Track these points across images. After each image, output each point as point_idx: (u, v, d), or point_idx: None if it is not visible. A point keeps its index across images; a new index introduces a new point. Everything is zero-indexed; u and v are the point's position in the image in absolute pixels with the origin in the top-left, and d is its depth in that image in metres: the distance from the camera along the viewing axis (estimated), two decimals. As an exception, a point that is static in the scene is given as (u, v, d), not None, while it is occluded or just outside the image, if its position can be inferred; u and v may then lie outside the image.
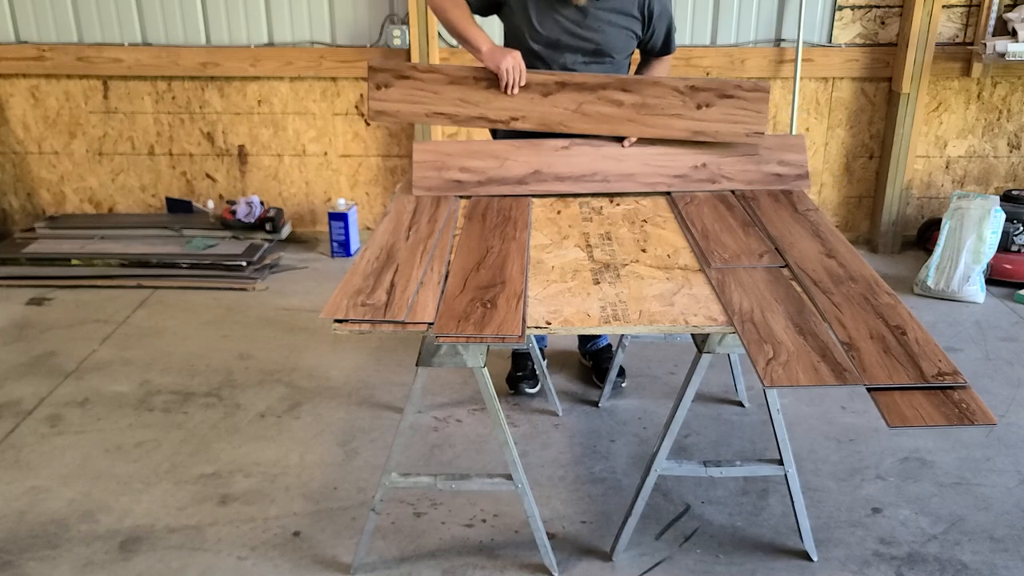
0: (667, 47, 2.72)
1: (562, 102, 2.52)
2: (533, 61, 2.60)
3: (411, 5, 3.90)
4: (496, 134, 2.77)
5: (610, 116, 2.53)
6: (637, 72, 2.80)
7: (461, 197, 2.50)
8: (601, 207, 2.48)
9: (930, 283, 3.74)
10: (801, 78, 4.08)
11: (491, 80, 2.53)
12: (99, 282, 3.89)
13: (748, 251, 2.13)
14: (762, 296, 1.90)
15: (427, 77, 2.54)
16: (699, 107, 2.52)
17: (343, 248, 4.24)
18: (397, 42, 4.02)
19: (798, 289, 1.95)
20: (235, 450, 2.65)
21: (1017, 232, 3.85)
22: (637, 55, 2.80)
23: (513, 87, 2.50)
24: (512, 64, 2.47)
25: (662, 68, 2.78)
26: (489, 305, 1.82)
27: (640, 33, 2.64)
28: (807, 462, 2.58)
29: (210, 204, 4.36)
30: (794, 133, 4.15)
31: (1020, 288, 3.79)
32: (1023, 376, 3.09)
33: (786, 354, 1.68)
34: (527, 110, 2.53)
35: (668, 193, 2.54)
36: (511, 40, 2.66)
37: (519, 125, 2.53)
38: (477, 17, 2.63)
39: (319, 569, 2.16)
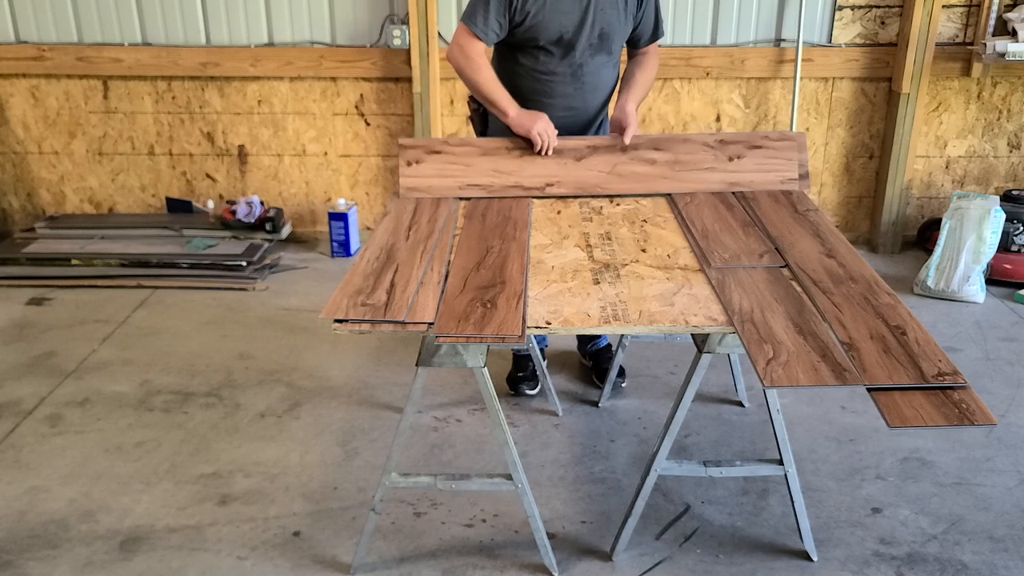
0: (656, 31, 2.71)
1: (596, 165, 2.55)
2: (545, 59, 2.59)
3: (411, 5, 3.90)
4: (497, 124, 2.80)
5: (645, 175, 2.54)
6: (628, 70, 2.75)
7: (461, 199, 2.50)
8: (601, 207, 2.48)
9: (930, 283, 3.74)
10: (801, 78, 4.08)
11: (523, 148, 2.53)
12: (99, 282, 3.89)
13: (748, 251, 2.13)
14: (762, 296, 1.90)
15: (459, 151, 2.54)
16: (731, 159, 2.55)
17: (343, 248, 4.24)
18: (397, 42, 4.02)
19: (798, 289, 1.95)
20: (235, 450, 2.65)
21: (1017, 232, 3.85)
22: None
23: (548, 150, 2.51)
24: (543, 128, 2.49)
25: (652, 62, 2.75)
26: (489, 305, 1.82)
27: (635, 13, 2.62)
28: (807, 462, 2.58)
29: (210, 204, 4.36)
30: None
31: (1020, 288, 3.79)
32: (1023, 376, 3.09)
33: (786, 354, 1.67)
34: (562, 175, 2.53)
35: (668, 193, 2.55)
36: (519, 46, 2.62)
37: (555, 191, 2.52)
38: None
39: (319, 569, 2.16)
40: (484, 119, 2.79)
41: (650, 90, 2.72)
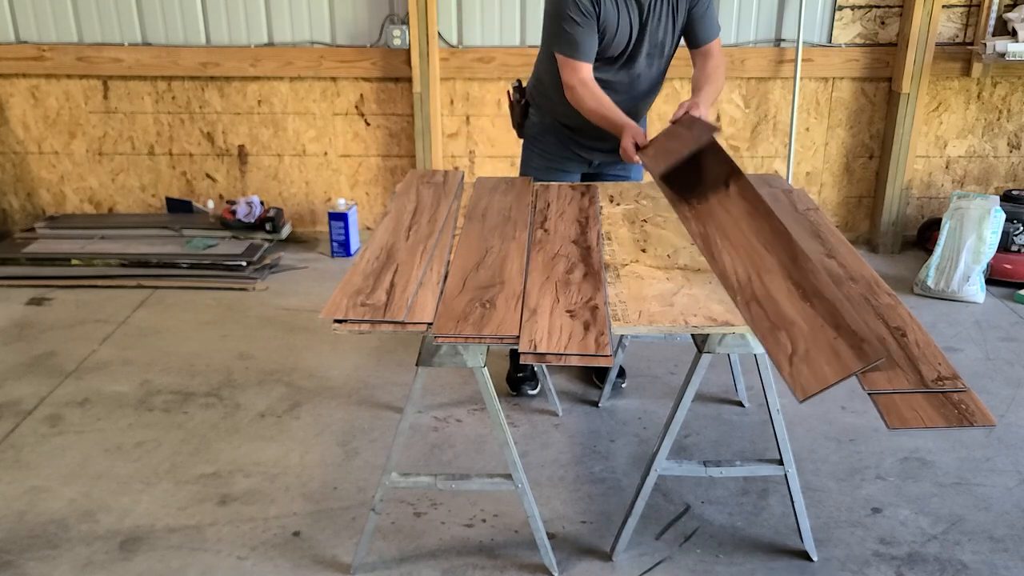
0: (714, 26, 2.64)
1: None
2: (606, 68, 2.58)
3: (411, 5, 3.90)
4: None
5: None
6: (696, 79, 2.67)
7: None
8: (601, 207, 2.48)
9: (930, 283, 3.74)
10: (801, 78, 4.08)
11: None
12: (99, 282, 3.89)
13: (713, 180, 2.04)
14: (752, 248, 1.82)
15: None
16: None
17: (343, 248, 4.24)
18: (397, 42, 4.02)
19: (778, 217, 1.86)
20: (235, 450, 2.65)
21: (1017, 232, 3.85)
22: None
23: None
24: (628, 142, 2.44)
25: (719, 66, 2.65)
26: (488, 305, 1.82)
27: (688, 13, 2.58)
28: (807, 462, 2.58)
29: (210, 204, 4.36)
30: (794, 133, 4.16)
31: (1020, 288, 3.79)
32: (1023, 376, 3.09)
33: (803, 341, 1.62)
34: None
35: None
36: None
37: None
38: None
39: (319, 569, 2.16)
40: (524, 111, 2.82)
41: (719, 91, 2.66)
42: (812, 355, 1.61)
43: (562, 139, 2.77)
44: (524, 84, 2.88)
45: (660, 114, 4.17)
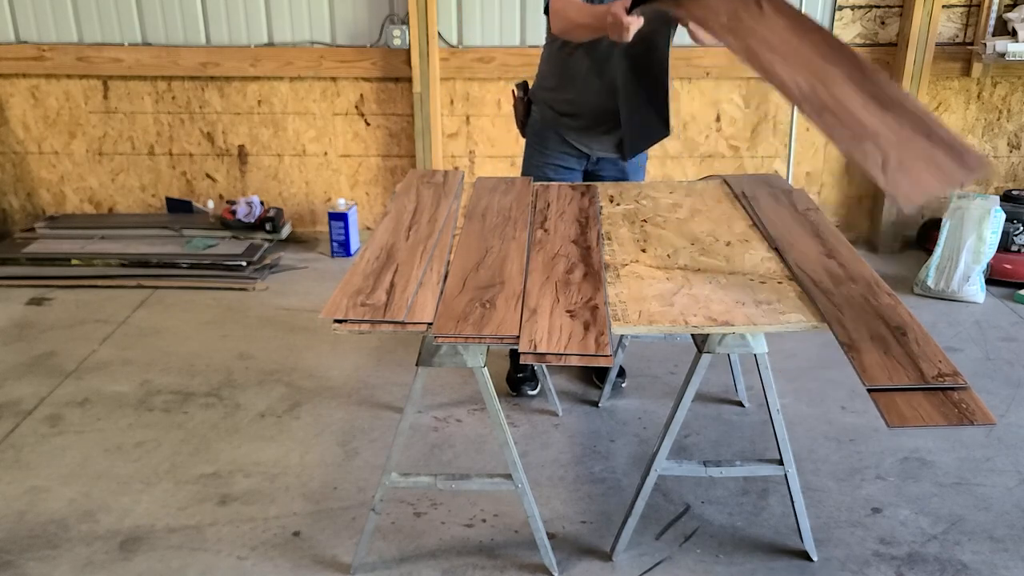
0: None
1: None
2: (596, 42, 2.54)
3: (411, 5, 3.90)
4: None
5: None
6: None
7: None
8: (601, 207, 2.48)
9: (930, 283, 3.74)
10: (801, 78, 4.07)
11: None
12: (99, 282, 3.89)
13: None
14: (809, 61, 1.61)
15: None
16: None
17: (343, 248, 4.24)
18: (397, 42, 4.02)
19: (827, 33, 1.66)
20: (235, 450, 2.65)
21: (1017, 232, 3.85)
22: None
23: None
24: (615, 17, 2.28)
25: None
26: (488, 305, 1.82)
27: None
28: (807, 462, 2.58)
29: (210, 204, 4.36)
30: (794, 133, 4.16)
31: (1020, 288, 3.79)
32: (1023, 376, 3.09)
33: (893, 151, 1.45)
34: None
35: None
36: None
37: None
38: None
39: (319, 569, 2.16)
40: (527, 108, 2.83)
41: None
42: (908, 165, 1.43)
43: (562, 134, 2.77)
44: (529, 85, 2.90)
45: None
